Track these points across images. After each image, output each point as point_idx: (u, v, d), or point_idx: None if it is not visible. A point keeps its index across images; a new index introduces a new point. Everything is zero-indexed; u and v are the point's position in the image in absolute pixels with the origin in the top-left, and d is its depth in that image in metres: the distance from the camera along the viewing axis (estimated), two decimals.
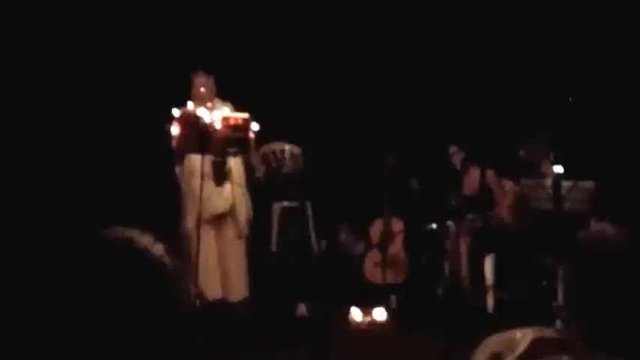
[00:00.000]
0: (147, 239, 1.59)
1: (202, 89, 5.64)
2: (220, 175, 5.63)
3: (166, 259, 1.55)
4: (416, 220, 6.77)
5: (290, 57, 7.15)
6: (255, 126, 5.38)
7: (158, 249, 1.57)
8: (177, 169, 5.69)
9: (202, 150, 5.30)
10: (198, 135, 5.24)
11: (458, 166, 6.59)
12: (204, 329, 5.01)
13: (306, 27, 7.12)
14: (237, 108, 5.56)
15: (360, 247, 7.01)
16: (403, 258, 6.77)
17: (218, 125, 5.27)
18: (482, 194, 6.30)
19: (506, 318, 5.55)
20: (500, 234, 6.17)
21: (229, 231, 5.73)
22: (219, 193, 5.64)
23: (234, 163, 5.69)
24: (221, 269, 5.73)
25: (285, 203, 6.79)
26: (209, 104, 5.53)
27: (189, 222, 5.55)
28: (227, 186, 5.67)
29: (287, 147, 6.58)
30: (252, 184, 5.96)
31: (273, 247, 6.73)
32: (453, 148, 6.59)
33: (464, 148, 6.57)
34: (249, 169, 5.89)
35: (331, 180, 6.91)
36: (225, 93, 5.75)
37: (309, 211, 6.81)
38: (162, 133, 5.29)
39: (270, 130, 5.98)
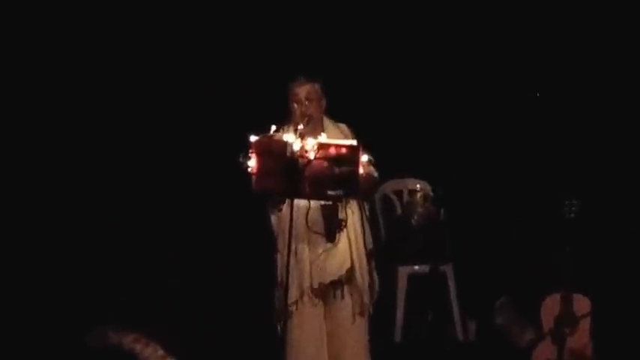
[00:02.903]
0: (151, 351, 2.22)
1: (303, 102, 5.46)
2: (332, 226, 5.45)
3: None
4: (609, 299, 6.42)
5: (419, 65, 7.28)
6: (365, 157, 5.11)
7: None
8: (274, 220, 5.54)
9: (290, 191, 5.10)
10: (284, 170, 5.04)
11: None
12: None
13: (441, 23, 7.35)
14: (356, 132, 5.49)
15: (528, 335, 6.55)
16: (591, 354, 6.28)
17: (312, 156, 5.05)
18: None
19: None
20: None
21: (345, 306, 5.52)
22: (333, 253, 5.44)
23: (351, 210, 5.52)
24: (333, 359, 5.58)
25: (416, 268, 6.74)
26: (307, 126, 5.30)
27: (292, 294, 5.41)
28: (343, 243, 5.50)
29: (418, 186, 6.58)
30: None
31: (398, 335, 6.62)
32: None
33: None
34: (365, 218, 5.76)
35: (483, 235, 6.99)
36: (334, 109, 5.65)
37: (452, 280, 6.72)
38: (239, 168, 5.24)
39: (393, 162, 6.08)
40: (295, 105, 5.41)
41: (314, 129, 5.28)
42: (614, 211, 6.97)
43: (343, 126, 5.49)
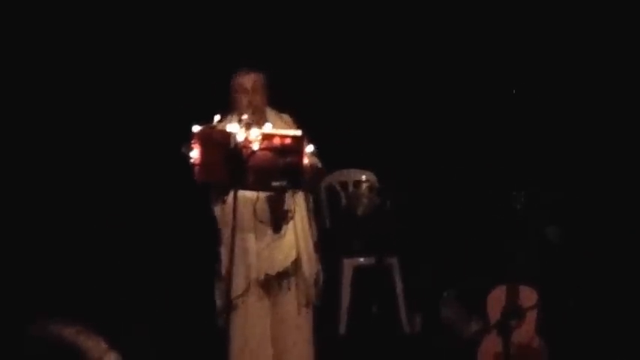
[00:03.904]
0: (93, 343, 2.31)
1: (249, 92, 5.51)
2: (278, 217, 5.46)
3: None
4: (556, 290, 6.49)
5: (364, 55, 7.27)
6: (310, 147, 5.14)
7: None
8: (218, 211, 5.57)
9: (233, 182, 5.12)
10: (227, 160, 5.07)
11: None
12: None
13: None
14: (300, 123, 5.51)
15: (473, 328, 6.67)
16: (538, 347, 6.24)
17: (256, 146, 5.08)
18: None
19: None
20: None
21: (291, 298, 5.59)
22: (279, 244, 5.50)
23: (297, 201, 5.54)
24: (278, 353, 5.59)
25: (361, 260, 6.74)
26: (251, 116, 5.33)
27: (238, 287, 5.41)
28: (289, 234, 5.56)
29: (364, 177, 6.56)
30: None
31: (343, 327, 6.62)
32: None
33: None
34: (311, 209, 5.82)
35: (429, 227, 6.99)
36: (277, 100, 5.65)
37: (397, 273, 6.71)
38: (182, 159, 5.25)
39: (339, 152, 6.29)
40: (240, 95, 5.45)
41: (258, 119, 5.30)
42: (562, 202, 6.96)
43: (286, 116, 5.55)
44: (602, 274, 6.67)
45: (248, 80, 5.48)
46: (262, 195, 5.35)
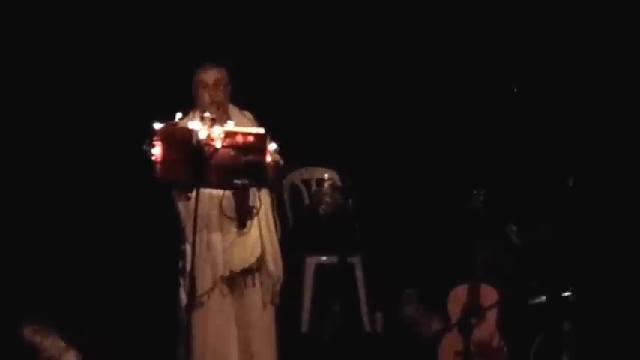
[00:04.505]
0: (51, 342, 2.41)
1: (212, 88, 5.47)
2: (244, 213, 5.45)
3: None
4: (517, 289, 6.46)
5: (328, 51, 7.20)
6: (273, 146, 5.16)
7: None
8: (181, 207, 5.53)
9: (195, 180, 5.12)
10: (189, 158, 5.06)
11: None
12: None
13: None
14: (262, 121, 5.47)
15: (434, 326, 6.66)
16: (498, 345, 6.30)
17: (219, 144, 5.06)
18: None
19: None
20: None
21: (255, 295, 5.57)
22: (243, 241, 5.49)
23: (262, 198, 5.51)
24: (242, 350, 5.55)
25: (324, 258, 6.73)
26: (215, 113, 5.32)
27: (204, 284, 5.40)
28: (253, 231, 5.53)
29: (327, 175, 6.54)
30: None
31: (305, 325, 6.60)
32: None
33: None
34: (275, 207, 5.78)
35: (391, 225, 6.92)
36: (239, 98, 5.62)
37: (359, 271, 6.73)
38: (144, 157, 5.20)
39: (302, 151, 6.27)
40: (202, 91, 5.43)
41: (221, 115, 5.32)
42: (523, 201, 6.89)
43: (248, 114, 5.52)
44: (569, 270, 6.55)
45: (210, 76, 5.45)
46: (229, 192, 5.34)
